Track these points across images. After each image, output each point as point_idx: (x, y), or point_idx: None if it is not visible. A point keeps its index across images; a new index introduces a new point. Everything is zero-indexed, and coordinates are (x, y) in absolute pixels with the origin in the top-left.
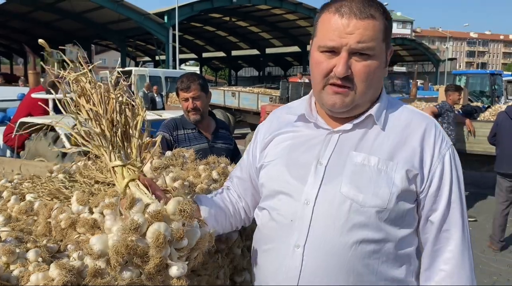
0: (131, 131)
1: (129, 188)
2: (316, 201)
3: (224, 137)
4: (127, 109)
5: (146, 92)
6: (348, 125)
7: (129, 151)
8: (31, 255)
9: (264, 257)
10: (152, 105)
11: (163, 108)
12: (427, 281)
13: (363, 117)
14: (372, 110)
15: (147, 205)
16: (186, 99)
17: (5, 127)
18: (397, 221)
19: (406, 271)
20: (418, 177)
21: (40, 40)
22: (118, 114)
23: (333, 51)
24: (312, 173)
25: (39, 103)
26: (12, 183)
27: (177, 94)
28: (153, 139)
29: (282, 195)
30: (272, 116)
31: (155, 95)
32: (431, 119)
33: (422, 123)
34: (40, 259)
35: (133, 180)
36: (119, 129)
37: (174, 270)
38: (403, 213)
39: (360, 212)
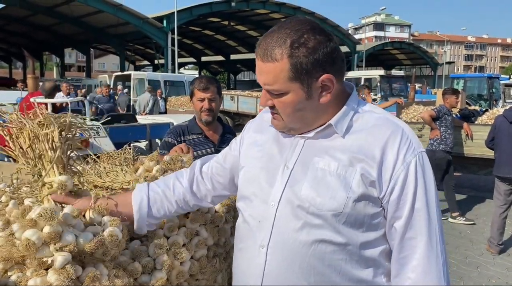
0: (47, 152)
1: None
2: (279, 203)
3: (229, 142)
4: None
5: (156, 96)
6: (311, 133)
7: (47, 167)
8: (28, 260)
9: (239, 255)
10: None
11: (165, 112)
12: None
13: (323, 127)
14: (332, 120)
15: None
16: (202, 100)
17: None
18: (358, 224)
19: (374, 273)
20: (376, 183)
21: None
22: (35, 141)
23: None
24: (279, 175)
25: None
26: (11, 188)
27: (192, 94)
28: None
29: (254, 197)
30: (260, 116)
31: (159, 99)
32: (399, 126)
33: (387, 131)
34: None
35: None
36: (38, 153)
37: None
38: (365, 217)
39: (317, 214)
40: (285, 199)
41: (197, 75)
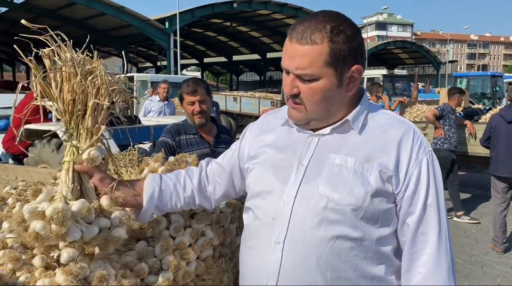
0: (87, 114)
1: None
2: (295, 199)
3: (225, 142)
4: (94, 91)
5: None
6: (326, 130)
7: (82, 132)
8: (36, 261)
9: (249, 253)
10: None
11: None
12: (408, 284)
13: (340, 122)
14: (349, 116)
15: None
16: (193, 103)
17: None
18: (374, 220)
19: (386, 270)
20: (393, 179)
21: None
22: (81, 95)
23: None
24: (293, 173)
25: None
26: (17, 190)
27: (181, 98)
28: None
29: (266, 195)
30: (263, 119)
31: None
32: (410, 126)
33: (401, 129)
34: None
35: (71, 162)
36: (80, 110)
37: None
38: (380, 212)
39: (336, 210)
40: (301, 195)
41: (199, 77)
